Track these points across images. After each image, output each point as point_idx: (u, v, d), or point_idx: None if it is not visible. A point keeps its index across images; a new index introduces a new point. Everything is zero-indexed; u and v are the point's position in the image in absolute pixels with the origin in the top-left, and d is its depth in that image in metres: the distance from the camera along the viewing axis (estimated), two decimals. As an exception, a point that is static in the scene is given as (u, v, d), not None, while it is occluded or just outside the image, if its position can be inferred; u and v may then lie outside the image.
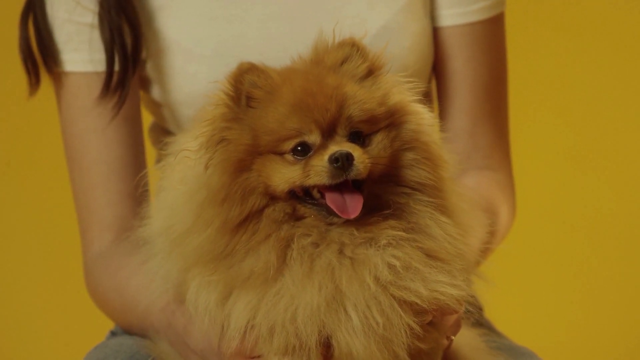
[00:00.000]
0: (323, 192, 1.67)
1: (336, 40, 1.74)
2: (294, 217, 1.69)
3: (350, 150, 1.65)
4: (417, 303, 1.66)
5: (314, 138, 1.67)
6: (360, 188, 1.67)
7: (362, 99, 1.69)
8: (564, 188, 3.62)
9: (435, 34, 2.18)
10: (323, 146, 1.67)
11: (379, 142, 1.70)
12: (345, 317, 1.65)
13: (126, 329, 2.06)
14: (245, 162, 1.68)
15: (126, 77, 2.10)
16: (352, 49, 1.73)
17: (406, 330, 1.66)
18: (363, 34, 1.76)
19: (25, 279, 3.59)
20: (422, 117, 1.75)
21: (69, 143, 2.14)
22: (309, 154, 1.67)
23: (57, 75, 2.13)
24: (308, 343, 1.65)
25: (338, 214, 1.66)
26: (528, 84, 3.46)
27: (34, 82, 2.13)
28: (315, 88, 1.68)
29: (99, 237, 2.11)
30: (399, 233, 1.68)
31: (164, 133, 2.19)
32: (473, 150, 2.19)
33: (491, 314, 2.22)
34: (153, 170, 1.94)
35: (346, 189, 1.66)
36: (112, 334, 2.16)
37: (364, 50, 1.73)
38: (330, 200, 1.66)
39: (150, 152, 2.22)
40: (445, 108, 2.21)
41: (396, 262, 1.66)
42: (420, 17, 2.15)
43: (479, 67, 2.19)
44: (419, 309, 1.67)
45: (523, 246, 3.34)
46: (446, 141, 1.82)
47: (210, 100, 1.71)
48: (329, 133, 1.67)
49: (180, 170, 1.74)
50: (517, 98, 2.44)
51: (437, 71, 2.21)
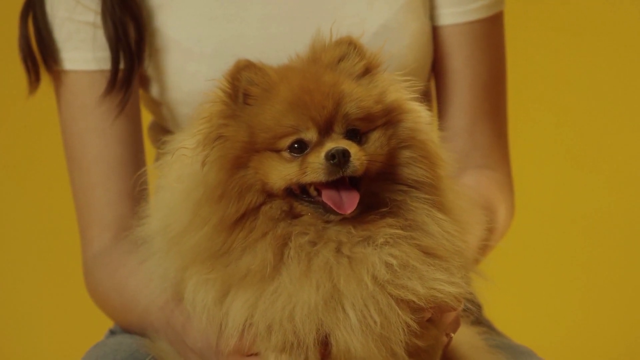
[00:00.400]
0: (320, 189, 1.67)
1: (333, 39, 1.74)
2: (291, 214, 1.68)
3: (347, 147, 1.64)
4: (415, 301, 1.66)
5: (310, 135, 1.67)
6: (357, 186, 1.67)
7: (359, 96, 1.69)
8: (563, 187, 3.62)
9: (435, 33, 2.18)
10: (320, 143, 1.66)
11: (375, 140, 1.70)
12: (343, 315, 1.65)
13: (126, 328, 2.06)
14: (242, 159, 1.68)
15: (132, 74, 2.10)
16: (349, 47, 1.73)
17: (404, 328, 1.66)
18: (361, 33, 1.76)
19: (25, 279, 3.59)
20: (419, 115, 1.75)
21: (69, 142, 2.14)
22: (306, 151, 1.67)
23: (57, 74, 2.13)
24: (306, 341, 1.65)
25: (334, 209, 1.65)
26: (527, 83, 3.46)
27: (33, 80, 2.13)
28: (312, 86, 1.68)
29: (98, 236, 2.11)
30: (396, 231, 1.68)
31: (163, 132, 2.19)
32: (472, 149, 2.19)
33: (490, 313, 2.22)
34: (152, 169, 1.94)
35: (343, 186, 1.66)
36: (111, 332, 2.16)
37: (361, 49, 1.73)
38: (326, 197, 1.66)
39: (150, 151, 2.21)
40: (445, 107, 2.21)
41: (393, 261, 1.66)
42: (419, 15, 2.15)
43: (478, 66, 2.19)
44: (416, 307, 1.67)
45: (522, 245, 3.35)
46: (445, 140, 1.82)
47: (208, 97, 1.71)
48: (325, 130, 1.67)
49: (178, 168, 1.74)
50: (516, 97, 2.44)
51: (436, 70, 2.21)
